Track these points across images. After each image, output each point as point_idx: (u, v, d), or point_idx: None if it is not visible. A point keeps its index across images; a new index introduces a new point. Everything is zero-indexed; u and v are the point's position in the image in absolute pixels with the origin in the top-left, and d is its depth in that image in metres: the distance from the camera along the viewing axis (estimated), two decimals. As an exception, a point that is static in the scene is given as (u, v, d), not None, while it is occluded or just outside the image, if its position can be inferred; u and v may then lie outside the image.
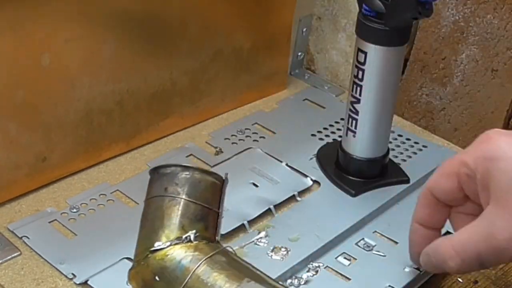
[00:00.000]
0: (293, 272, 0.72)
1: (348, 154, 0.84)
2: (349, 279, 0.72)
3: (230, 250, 0.56)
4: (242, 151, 0.90)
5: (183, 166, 0.57)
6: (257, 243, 0.76)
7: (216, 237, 0.57)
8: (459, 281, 0.75)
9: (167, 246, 0.54)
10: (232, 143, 0.92)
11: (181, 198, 0.56)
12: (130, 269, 0.56)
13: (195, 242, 0.54)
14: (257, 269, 0.55)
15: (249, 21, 0.96)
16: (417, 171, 0.87)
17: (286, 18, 1.00)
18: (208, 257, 0.53)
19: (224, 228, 0.77)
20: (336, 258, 0.75)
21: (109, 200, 0.80)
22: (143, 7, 0.83)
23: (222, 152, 0.90)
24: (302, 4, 1.02)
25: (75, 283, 0.70)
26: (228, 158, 0.89)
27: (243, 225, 0.77)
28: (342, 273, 0.73)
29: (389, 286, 0.71)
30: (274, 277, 0.72)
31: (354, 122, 0.82)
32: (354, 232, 0.78)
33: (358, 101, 0.80)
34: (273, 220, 0.79)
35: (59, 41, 0.76)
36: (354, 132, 0.82)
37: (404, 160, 0.90)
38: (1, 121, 0.75)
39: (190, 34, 0.89)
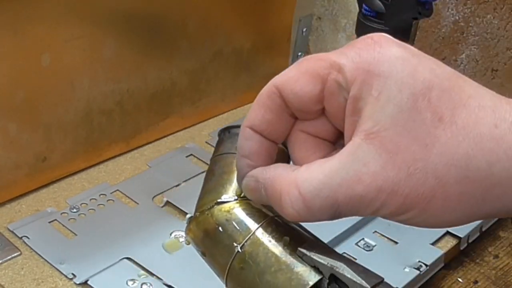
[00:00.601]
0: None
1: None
2: (349, 279, 0.72)
3: None
4: (242, 151, 0.90)
5: None
6: (257, 243, 0.76)
7: None
8: (459, 281, 0.75)
9: (234, 200, 0.55)
10: (232, 143, 0.92)
11: None
12: (190, 220, 0.56)
13: None
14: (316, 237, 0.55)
15: (249, 21, 0.96)
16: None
17: (286, 18, 1.00)
18: (274, 216, 0.53)
19: (224, 228, 0.77)
20: (336, 258, 0.75)
21: (109, 200, 0.80)
22: (143, 7, 0.83)
23: (222, 152, 0.90)
24: (302, 4, 1.02)
25: (75, 283, 0.70)
26: (228, 158, 0.88)
27: (243, 225, 0.77)
28: (342, 273, 0.73)
29: (389, 286, 0.71)
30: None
31: (354, 122, 0.82)
32: (354, 232, 0.78)
33: (358, 101, 0.80)
34: (273, 220, 0.79)
35: (59, 41, 0.76)
36: (354, 132, 0.82)
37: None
38: (1, 121, 0.75)
39: (190, 34, 0.89)
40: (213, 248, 0.55)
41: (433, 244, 0.77)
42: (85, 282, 0.70)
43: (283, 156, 0.59)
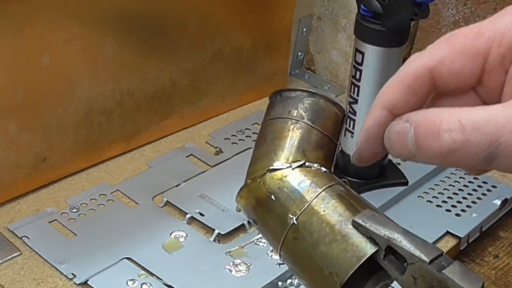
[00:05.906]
0: (293, 272, 0.72)
1: (346, 155, 0.84)
2: (348, 279, 0.72)
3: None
4: (242, 151, 0.90)
5: (308, 91, 0.56)
6: (257, 243, 0.76)
7: (332, 169, 0.56)
8: (459, 281, 0.75)
9: (287, 167, 0.53)
10: (232, 143, 0.92)
11: (305, 123, 0.55)
12: (242, 188, 0.55)
13: (314, 168, 0.53)
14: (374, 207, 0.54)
15: (249, 21, 0.96)
16: (416, 172, 0.87)
17: (286, 18, 1.00)
18: (329, 186, 0.52)
19: (224, 228, 0.77)
20: (335, 258, 0.75)
21: (109, 200, 0.80)
22: (143, 7, 0.83)
23: (222, 152, 0.90)
24: (302, 4, 1.02)
25: (75, 283, 0.70)
26: (228, 158, 0.89)
27: (243, 225, 0.78)
28: (342, 273, 0.73)
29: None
30: (274, 277, 0.72)
31: (352, 122, 0.82)
32: (354, 232, 0.78)
33: (356, 101, 0.80)
34: (273, 220, 0.79)
35: (59, 41, 0.76)
36: (352, 133, 0.82)
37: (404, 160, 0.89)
38: (1, 121, 0.75)
39: (190, 34, 0.90)
40: (265, 217, 0.53)
41: (433, 244, 0.77)
42: (85, 282, 0.70)
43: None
